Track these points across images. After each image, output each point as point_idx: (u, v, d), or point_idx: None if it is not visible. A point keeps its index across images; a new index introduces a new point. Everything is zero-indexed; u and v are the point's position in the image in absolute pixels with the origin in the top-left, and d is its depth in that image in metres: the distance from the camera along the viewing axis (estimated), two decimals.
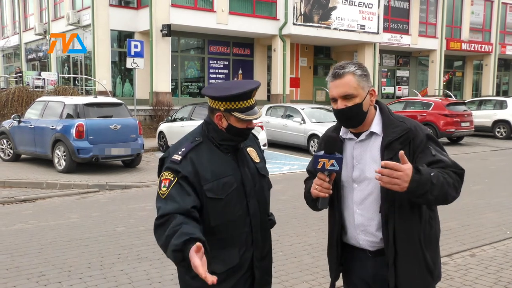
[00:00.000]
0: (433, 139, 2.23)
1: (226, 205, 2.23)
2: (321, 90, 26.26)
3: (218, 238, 2.24)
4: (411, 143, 2.18)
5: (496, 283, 4.67)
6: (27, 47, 28.51)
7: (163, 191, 2.17)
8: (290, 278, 4.78)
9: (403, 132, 2.18)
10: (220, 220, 2.22)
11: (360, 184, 2.26)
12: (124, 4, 21.34)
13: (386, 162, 2.00)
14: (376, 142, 2.24)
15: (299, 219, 6.93)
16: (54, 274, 4.87)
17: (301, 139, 14.21)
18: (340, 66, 2.24)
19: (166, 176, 2.19)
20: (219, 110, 2.23)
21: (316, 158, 2.16)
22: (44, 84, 17.87)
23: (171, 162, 2.20)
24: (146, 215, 7.23)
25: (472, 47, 30.82)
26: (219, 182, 2.21)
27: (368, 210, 2.26)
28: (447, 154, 2.24)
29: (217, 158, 2.26)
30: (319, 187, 2.17)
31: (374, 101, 2.27)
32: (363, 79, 2.20)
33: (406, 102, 18.82)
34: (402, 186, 1.99)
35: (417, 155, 2.17)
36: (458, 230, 6.38)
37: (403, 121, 2.24)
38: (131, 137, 10.76)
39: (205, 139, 2.28)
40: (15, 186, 9.41)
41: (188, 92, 22.81)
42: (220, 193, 2.20)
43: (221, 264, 2.23)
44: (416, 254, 2.21)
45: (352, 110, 2.19)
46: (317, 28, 22.72)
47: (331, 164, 2.14)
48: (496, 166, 12.29)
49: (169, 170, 2.19)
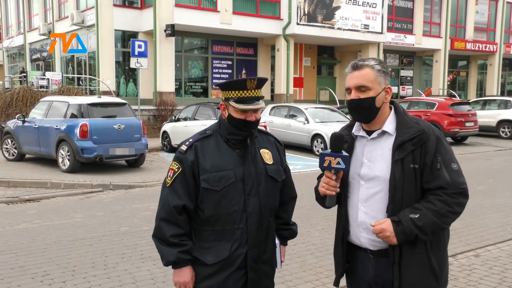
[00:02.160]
0: (442, 142, 2.21)
1: (222, 198, 2.32)
2: (325, 90, 26.23)
3: (214, 229, 2.35)
4: (423, 146, 2.17)
5: (501, 284, 4.66)
6: (32, 47, 28.61)
7: (168, 180, 2.40)
8: (293, 278, 4.78)
9: (417, 133, 2.18)
10: (215, 211, 2.33)
11: (368, 181, 2.26)
12: (128, 4, 21.36)
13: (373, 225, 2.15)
14: (388, 141, 2.24)
15: (302, 219, 6.92)
16: (58, 273, 4.88)
17: (304, 139, 14.20)
18: (361, 59, 2.29)
19: (172, 166, 2.40)
20: (222, 100, 2.42)
21: (322, 156, 2.18)
22: (49, 84, 17.93)
23: (179, 152, 2.40)
24: (150, 214, 7.24)
25: (476, 47, 30.72)
26: (217, 174, 2.31)
27: (373, 209, 2.25)
28: (454, 161, 2.21)
29: (222, 151, 2.36)
30: (326, 185, 2.21)
31: (388, 99, 2.27)
32: (381, 74, 2.22)
33: (410, 102, 18.78)
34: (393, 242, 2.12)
35: (426, 161, 2.16)
36: (462, 230, 6.36)
37: (418, 122, 2.23)
38: (135, 137, 10.78)
39: (215, 133, 2.42)
40: (19, 185, 9.44)
41: (192, 92, 22.83)
42: (215, 185, 2.31)
43: (213, 256, 2.33)
44: (422, 256, 2.20)
45: (364, 102, 2.20)
46: (321, 28, 22.69)
47: (337, 162, 2.16)
48: (501, 166, 12.25)
49: (175, 160, 2.39)
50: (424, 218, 2.09)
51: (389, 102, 2.30)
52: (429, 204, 2.13)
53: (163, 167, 11.33)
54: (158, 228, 2.38)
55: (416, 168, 2.16)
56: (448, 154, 2.19)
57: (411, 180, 2.16)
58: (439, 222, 2.12)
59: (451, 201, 2.13)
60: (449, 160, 2.17)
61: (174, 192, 2.35)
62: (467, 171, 11.78)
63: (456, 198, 2.14)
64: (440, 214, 2.11)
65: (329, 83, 26.79)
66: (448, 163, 2.16)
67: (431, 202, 2.13)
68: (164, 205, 2.38)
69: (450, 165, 2.17)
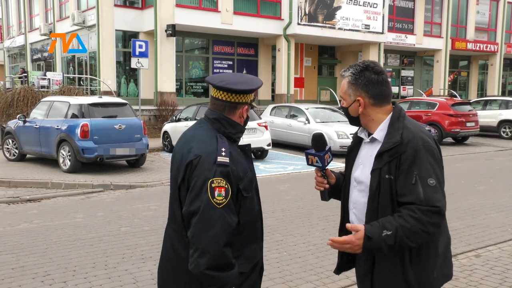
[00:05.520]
0: (421, 156, 2.10)
1: (251, 202, 2.24)
2: (326, 90, 26.23)
3: (243, 236, 2.21)
4: (399, 158, 2.11)
5: (502, 284, 4.65)
6: (33, 47, 28.63)
7: (219, 200, 2.05)
8: (294, 278, 4.77)
9: (393, 145, 2.13)
10: (247, 217, 2.22)
11: (359, 184, 2.30)
12: (129, 4, 21.38)
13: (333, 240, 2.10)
14: (376, 148, 2.22)
15: (303, 219, 6.92)
16: (59, 273, 4.88)
17: (305, 139, 14.19)
18: (345, 69, 2.31)
19: (219, 183, 2.06)
20: (246, 103, 2.26)
21: (306, 155, 2.41)
22: (49, 84, 17.92)
23: (221, 165, 2.08)
24: (150, 215, 7.24)
25: (477, 47, 30.69)
26: (247, 179, 2.20)
27: (359, 211, 2.29)
28: (433, 176, 2.09)
29: (239, 154, 2.26)
30: (315, 181, 2.41)
31: (361, 110, 2.25)
32: (350, 87, 2.25)
33: (411, 102, 18.76)
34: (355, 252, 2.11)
35: (400, 173, 2.10)
36: (463, 231, 6.36)
37: (402, 132, 2.15)
38: (136, 137, 10.78)
39: (223, 136, 2.23)
40: (20, 186, 9.44)
41: (193, 92, 22.84)
42: (249, 191, 2.21)
43: (246, 263, 2.23)
44: (394, 268, 2.16)
45: (344, 111, 2.35)
46: (322, 28, 22.69)
47: (316, 161, 2.36)
48: (501, 166, 12.24)
49: (220, 175, 2.07)
50: (395, 237, 2.03)
51: (385, 107, 2.26)
52: (401, 220, 2.05)
53: (163, 167, 11.33)
54: (220, 257, 2.04)
55: (392, 179, 2.12)
56: (427, 169, 2.08)
57: (386, 190, 2.13)
58: (409, 241, 2.05)
59: (426, 220, 2.04)
60: (426, 175, 2.07)
61: (230, 211, 2.08)
62: (468, 171, 11.80)
63: (430, 217, 2.05)
64: (412, 232, 2.03)
65: (330, 83, 26.79)
66: (424, 178, 2.07)
67: (404, 219, 2.05)
68: (224, 228, 2.04)
69: (427, 180, 2.07)
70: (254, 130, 12.40)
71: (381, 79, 2.21)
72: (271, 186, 9.18)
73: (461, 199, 8.08)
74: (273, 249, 5.56)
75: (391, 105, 2.28)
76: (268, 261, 4.93)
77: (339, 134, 13.25)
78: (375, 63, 2.27)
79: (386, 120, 2.24)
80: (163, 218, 2.38)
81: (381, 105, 2.24)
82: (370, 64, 2.24)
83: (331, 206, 5.41)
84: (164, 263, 2.32)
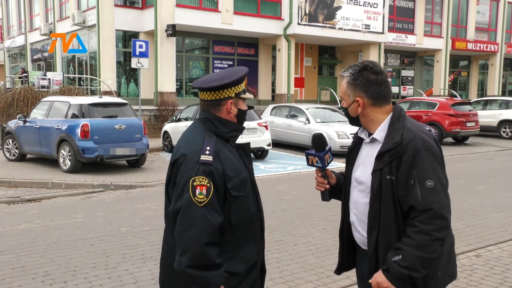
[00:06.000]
0: (421, 157, 2.09)
1: (244, 202, 2.22)
2: (326, 90, 26.23)
3: (237, 236, 2.20)
4: (400, 158, 2.11)
5: (502, 284, 4.65)
6: (33, 47, 28.63)
7: (200, 198, 2.05)
8: (294, 278, 4.77)
9: (393, 146, 2.13)
10: (241, 217, 2.19)
11: (359, 184, 2.30)
12: (129, 4, 21.38)
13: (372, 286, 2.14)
14: (376, 148, 2.22)
15: (303, 219, 6.92)
16: (59, 273, 4.88)
17: (305, 139, 14.18)
18: (345, 69, 2.31)
19: (201, 181, 2.06)
20: (231, 97, 2.23)
21: (306, 155, 2.41)
22: (50, 84, 17.91)
23: (204, 164, 2.08)
24: (150, 215, 7.25)
25: (477, 47, 30.69)
26: (238, 178, 2.18)
27: (360, 211, 2.29)
28: (431, 177, 2.09)
29: (231, 153, 2.24)
30: (316, 181, 2.41)
31: (360, 110, 2.26)
32: (349, 87, 2.26)
33: (411, 102, 18.75)
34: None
35: (400, 174, 2.11)
36: (463, 231, 6.35)
37: (403, 133, 2.15)
38: (136, 137, 10.78)
39: (214, 135, 2.22)
40: (20, 186, 9.44)
41: (193, 92, 22.83)
42: (241, 190, 2.19)
43: (242, 264, 2.21)
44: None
45: (344, 111, 2.36)
46: (322, 28, 22.69)
47: (316, 161, 2.36)
48: (502, 166, 12.23)
49: (202, 174, 2.06)
50: (407, 257, 2.04)
51: (385, 107, 2.26)
52: (407, 239, 2.06)
53: (164, 167, 11.33)
54: (201, 256, 2.02)
55: (393, 179, 2.12)
56: (426, 170, 2.08)
57: (388, 191, 2.13)
58: (424, 254, 2.03)
59: (428, 228, 2.03)
60: (424, 177, 2.07)
61: (213, 209, 2.06)
62: (468, 171, 11.80)
63: (431, 224, 2.04)
64: (421, 246, 2.03)
65: (330, 83, 26.79)
66: (422, 180, 2.07)
67: (409, 237, 2.06)
68: (205, 227, 2.03)
69: (425, 182, 2.06)
70: (254, 130, 12.40)
71: (380, 79, 2.21)
72: (271, 186, 9.18)
73: (461, 199, 8.08)
74: (273, 249, 5.56)
75: (391, 105, 2.28)
76: (268, 261, 4.93)
77: (339, 134, 13.24)
78: (374, 63, 2.26)
79: (386, 120, 2.24)
80: (163, 218, 2.37)
81: (380, 105, 2.24)
82: (369, 64, 2.24)
83: (331, 206, 5.41)
84: (162, 261, 2.34)
